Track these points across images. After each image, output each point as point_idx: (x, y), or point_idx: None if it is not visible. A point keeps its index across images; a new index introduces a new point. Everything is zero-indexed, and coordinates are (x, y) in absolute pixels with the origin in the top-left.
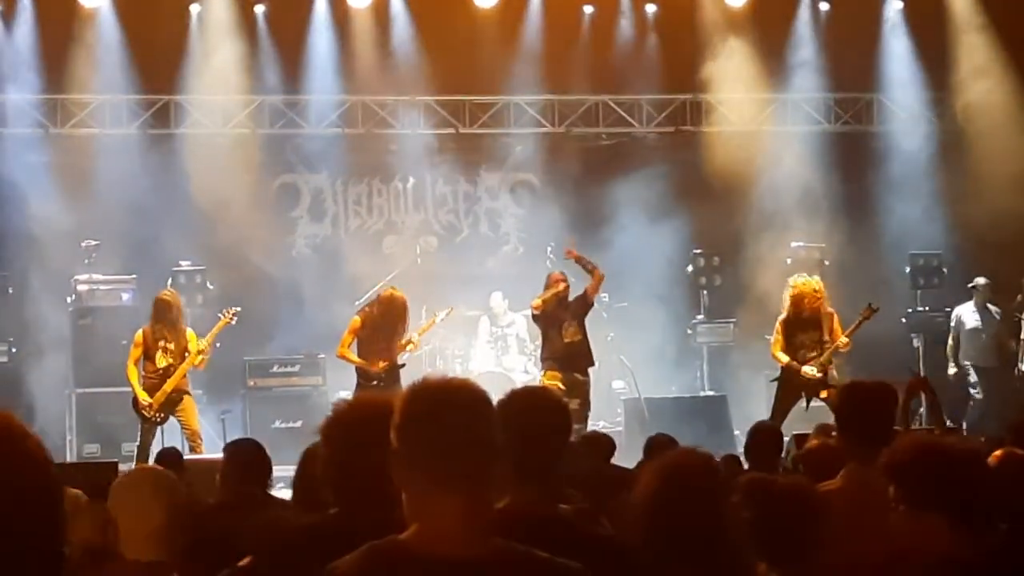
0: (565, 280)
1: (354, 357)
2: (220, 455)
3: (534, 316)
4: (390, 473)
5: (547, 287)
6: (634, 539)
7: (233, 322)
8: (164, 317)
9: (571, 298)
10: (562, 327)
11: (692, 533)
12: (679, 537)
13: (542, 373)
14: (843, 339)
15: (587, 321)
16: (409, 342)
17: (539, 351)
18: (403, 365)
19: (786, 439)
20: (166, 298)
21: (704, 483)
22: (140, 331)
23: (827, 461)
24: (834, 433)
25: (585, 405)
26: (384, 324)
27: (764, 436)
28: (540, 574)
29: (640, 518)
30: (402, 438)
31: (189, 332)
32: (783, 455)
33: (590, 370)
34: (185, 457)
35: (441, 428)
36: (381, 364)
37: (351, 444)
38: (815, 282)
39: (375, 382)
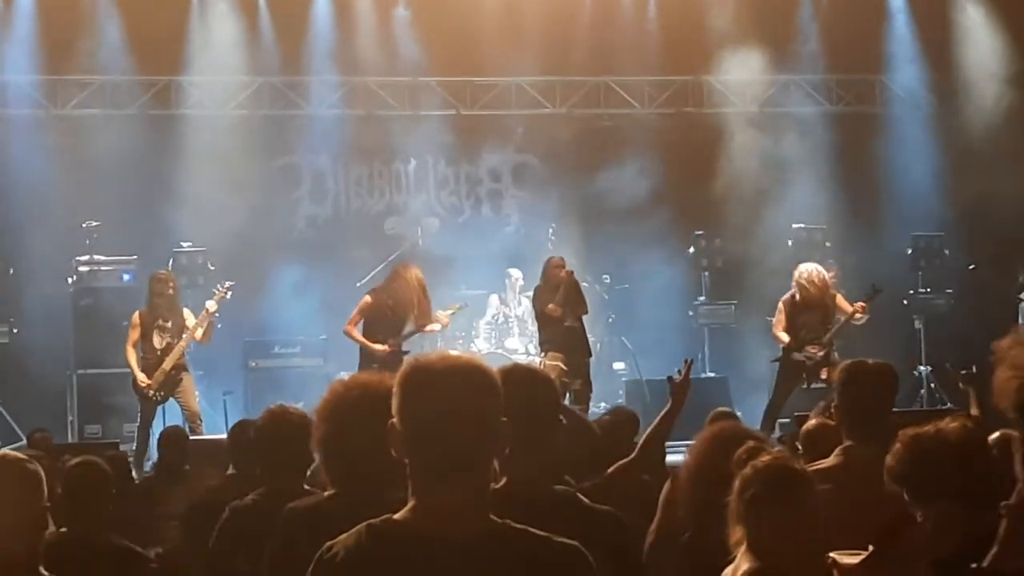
0: (563, 266)
1: (359, 336)
2: (220, 435)
3: (539, 310)
4: (390, 449)
5: (545, 273)
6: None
7: (228, 296)
8: (160, 297)
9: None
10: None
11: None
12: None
13: (543, 355)
14: (858, 304)
15: (588, 303)
16: (413, 332)
17: (539, 333)
18: (407, 352)
19: (786, 420)
20: (161, 277)
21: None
22: (136, 313)
23: (827, 441)
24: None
25: (587, 386)
26: (395, 307)
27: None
28: (537, 553)
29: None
30: (401, 416)
31: (186, 311)
32: (781, 435)
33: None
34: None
35: (439, 407)
36: (385, 347)
37: (347, 425)
38: (822, 271)
39: (376, 364)
